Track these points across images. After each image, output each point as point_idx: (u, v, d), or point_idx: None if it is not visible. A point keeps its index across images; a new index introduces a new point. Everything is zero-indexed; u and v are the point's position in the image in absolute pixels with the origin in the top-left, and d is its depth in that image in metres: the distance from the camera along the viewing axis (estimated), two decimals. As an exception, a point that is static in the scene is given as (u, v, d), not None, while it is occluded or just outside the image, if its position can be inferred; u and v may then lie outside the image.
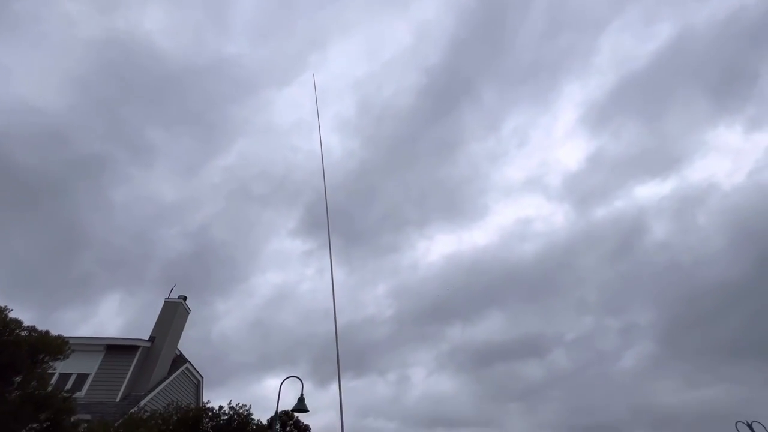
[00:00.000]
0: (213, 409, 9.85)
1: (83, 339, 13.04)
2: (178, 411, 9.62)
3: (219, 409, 9.78)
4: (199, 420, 9.55)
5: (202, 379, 17.23)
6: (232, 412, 9.76)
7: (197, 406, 10.28)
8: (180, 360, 15.67)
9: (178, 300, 15.47)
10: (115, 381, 12.66)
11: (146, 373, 13.31)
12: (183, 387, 15.27)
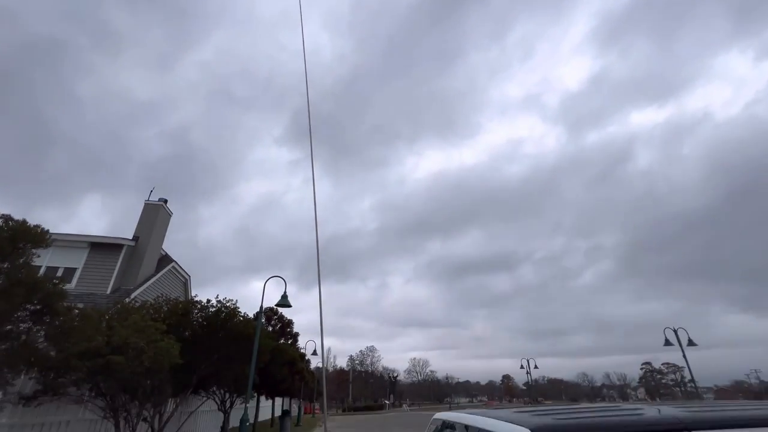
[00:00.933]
0: (201, 302, 10.54)
1: (66, 235, 13.18)
2: (168, 303, 10.27)
3: (207, 302, 10.48)
4: (189, 311, 10.28)
5: (190, 277, 18.11)
6: (220, 305, 10.48)
7: (186, 299, 10.97)
8: (166, 259, 16.24)
9: (159, 202, 15.44)
10: (103, 275, 13.18)
11: (133, 270, 13.84)
12: (171, 284, 16.09)
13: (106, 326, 8.00)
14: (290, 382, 19.67)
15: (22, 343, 5.56)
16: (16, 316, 5.42)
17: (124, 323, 7.79)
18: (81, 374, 7.15)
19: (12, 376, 5.73)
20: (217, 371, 10.69)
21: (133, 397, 8.26)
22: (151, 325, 8.06)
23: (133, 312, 8.62)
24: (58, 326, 5.90)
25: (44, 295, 5.15)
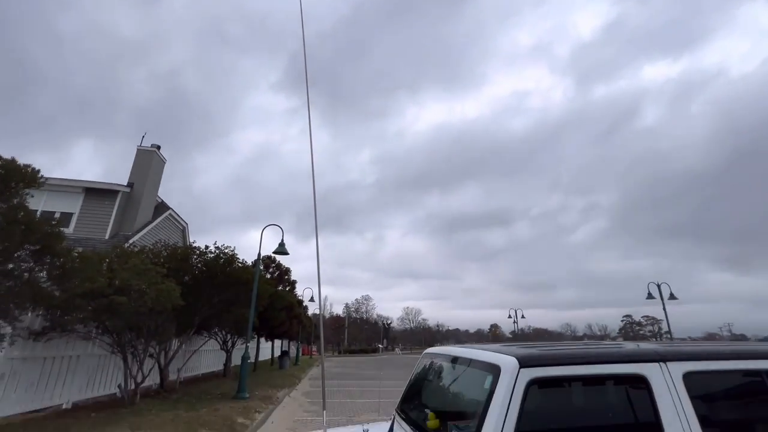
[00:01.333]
0: (200, 248, 10.70)
1: (61, 180, 13.02)
2: (167, 248, 10.42)
3: (205, 248, 10.64)
4: (188, 257, 10.47)
5: (187, 225, 18.24)
6: (218, 251, 10.66)
7: (185, 245, 11.13)
8: (163, 207, 16.24)
9: (152, 148, 15.12)
10: (100, 221, 13.23)
11: (130, 216, 13.88)
12: (169, 231, 16.23)
13: (107, 269, 8.18)
14: (288, 326, 20.63)
15: (26, 281, 5.68)
16: (17, 256, 5.49)
17: (124, 266, 7.95)
18: (86, 313, 7.42)
19: (19, 312, 5.92)
20: (218, 314, 11.13)
21: (138, 335, 8.66)
22: (152, 269, 8.23)
23: (132, 256, 8.76)
24: (59, 267, 6.01)
25: (42, 235, 5.18)
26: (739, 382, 1.78)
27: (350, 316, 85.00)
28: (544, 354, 1.71)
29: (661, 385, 1.65)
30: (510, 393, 1.55)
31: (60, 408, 7.89)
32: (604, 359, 1.69)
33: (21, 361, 7.14)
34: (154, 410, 7.52)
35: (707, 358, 1.77)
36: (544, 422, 1.64)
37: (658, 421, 1.58)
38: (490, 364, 1.74)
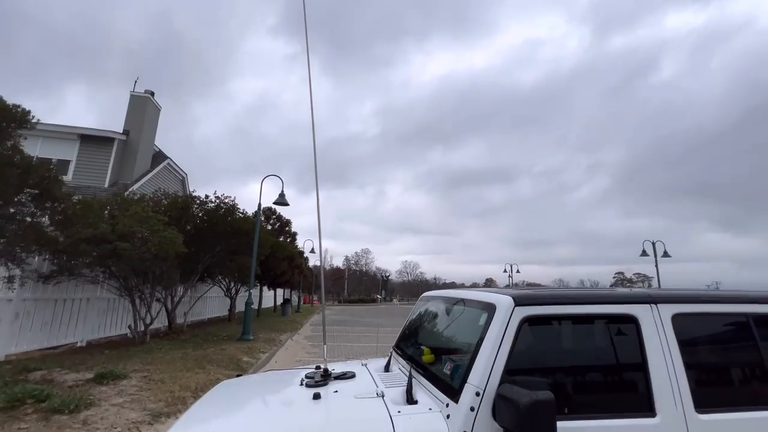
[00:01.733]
0: (200, 198, 10.72)
1: (55, 126, 12.73)
2: (167, 197, 10.43)
3: (206, 198, 10.65)
4: (188, 206, 10.51)
5: (187, 176, 18.12)
6: (219, 200, 10.68)
7: (185, 195, 11.12)
8: (161, 156, 16.02)
9: (145, 94, 14.60)
10: (98, 169, 13.10)
11: (128, 165, 13.73)
12: (168, 181, 16.14)
13: (109, 215, 8.24)
14: (290, 276, 21.24)
15: (29, 225, 5.74)
16: (17, 200, 5.50)
17: (125, 213, 8.00)
18: (91, 259, 7.59)
19: (26, 255, 6.05)
20: (221, 262, 11.40)
21: (144, 281, 8.93)
22: (153, 217, 8.29)
23: (133, 204, 8.79)
24: (60, 212, 6.04)
25: (40, 179, 5.14)
26: (725, 325, 1.84)
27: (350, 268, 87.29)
28: (539, 294, 1.76)
29: (650, 325, 1.70)
30: (504, 329, 1.61)
31: (75, 345, 8.34)
32: (597, 300, 1.74)
33: (33, 302, 7.42)
34: (164, 349, 7.95)
35: (696, 301, 1.82)
36: (534, 358, 1.72)
37: (644, 361, 1.65)
38: (486, 303, 1.80)
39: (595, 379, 1.74)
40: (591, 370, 1.75)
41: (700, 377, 1.68)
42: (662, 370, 1.63)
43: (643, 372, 1.64)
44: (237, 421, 1.75)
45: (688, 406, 1.59)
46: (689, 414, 1.58)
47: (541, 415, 1.28)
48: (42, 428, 3.37)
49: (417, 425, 1.52)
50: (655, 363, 1.64)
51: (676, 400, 1.59)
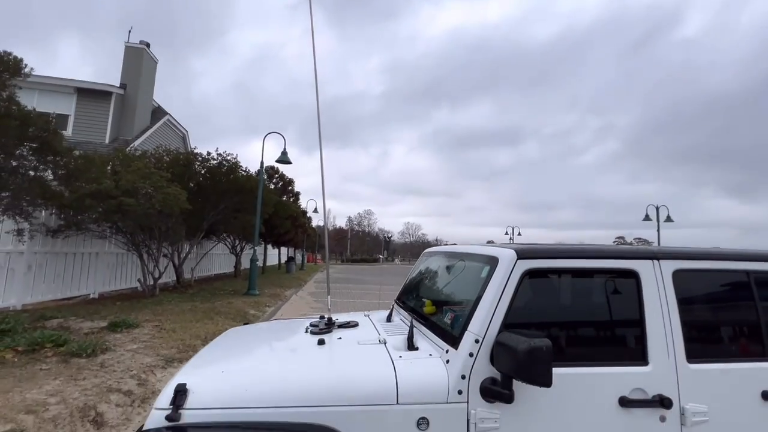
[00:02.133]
0: (202, 155, 10.61)
1: (50, 78, 12.37)
2: (169, 153, 10.33)
3: (208, 155, 10.54)
4: (191, 163, 10.43)
5: (188, 132, 17.85)
6: (221, 158, 10.58)
7: (187, 151, 11.00)
8: (160, 111, 15.69)
9: (141, 46, 14.02)
10: (97, 124, 12.90)
11: (127, 121, 13.49)
12: (169, 138, 15.92)
13: (111, 171, 8.22)
14: (293, 234, 21.53)
15: (32, 179, 5.74)
16: (18, 153, 5.46)
17: (128, 169, 7.97)
18: (97, 214, 7.67)
19: (32, 209, 6.11)
20: (225, 219, 11.51)
21: (150, 236, 9.07)
22: (156, 173, 8.26)
23: (135, 160, 8.73)
24: (62, 165, 6.01)
25: (39, 131, 5.07)
26: (724, 281, 1.86)
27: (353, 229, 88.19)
28: (541, 248, 1.76)
29: (650, 280, 1.72)
30: (505, 281, 1.63)
31: (87, 297, 8.66)
32: (600, 255, 1.75)
33: (44, 255, 7.61)
34: (173, 301, 8.24)
35: (698, 257, 1.82)
36: (534, 310, 1.76)
37: (641, 314, 1.68)
38: (489, 256, 1.81)
39: (593, 330, 1.78)
40: (589, 322, 1.79)
41: (694, 330, 1.72)
42: (658, 324, 1.67)
43: (640, 325, 1.68)
44: (244, 362, 1.84)
45: (680, 356, 1.64)
46: (680, 363, 1.63)
47: (538, 360, 1.32)
48: (62, 369, 3.57)
49: (417, 369, 1.58)
50: (652, 316, 1.67)
51: (669, 350, 1.64)
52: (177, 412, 1.42)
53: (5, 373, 3.40)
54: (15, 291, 6.99)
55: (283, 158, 11.19)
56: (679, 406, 1.59)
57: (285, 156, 11.18)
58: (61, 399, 2.95)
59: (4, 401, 2.80)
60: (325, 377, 1.57)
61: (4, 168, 5.35)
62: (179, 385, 1.48)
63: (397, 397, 1.48)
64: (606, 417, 1.55)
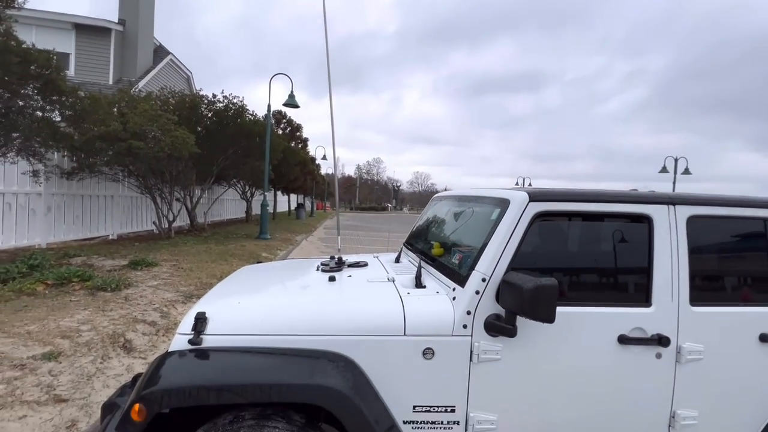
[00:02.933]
0: (208, 97, 10.34)
1: (46, 13, 11.82)
2: (174, 95, 10.09)
3: (213, 98, 10.28)
4: (197, 105, 10.21)
5: (192, 74, 17.27)
6: (227, 101, 10.32)
7: (192, 93, 10.73)
8: (162, 51, 15.08)
9: (136, -25, 13.13)
10: (99, 63, 12.53)
11: (130, 60, 13.06)
12: (173, 80, 15.45)
13: (118, 113, 8.12)
14: (302, 181, 21.58)
15: (41, 120, 5.72)
16: (23, 92, 5.38)
17: (135, 111, 7.86)
18: (108, 157, 7.72)
19: (44, 150, 6.15)
20: (235, 165, 11.51)
21: (162, 180, 9.17)
22: (163, 115, 8.15)
23: (141, 101, 8.56)
24: (69, 106, 5.94)
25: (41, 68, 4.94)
26: (738, 228, 1.83)
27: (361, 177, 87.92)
28: (554, 191, 1.73)
29: (663, 225, 1.70)
30: (515, 222, 1.63)
31: (107, 238, 9.00)
32: (614, 199, 1.72)
33: (61, 197, 7.82)
34: (188, 243, 8.53)
35: (714, 203, 1.78)
36: (543, 252, 1.77)
37: (650, 259, 1.69)
38: (500, 198, 1.79)
39: (599, 272, 1.80)
40: (596, 265, 1.81)
41: (701, 276, 1.73)
42: (666, 268, 1.68)
43: (648, 269, 1.69)
44: (259, 295, 1.93)
45: (683, 299, 1.67)
46: (683, 306, 1.67)
47: (543, 298, 1.36)
48: (90, 301, 3.82)
49: (424, 304, 1.65)
50: (660, 261, 1.68)
51: (673, 294, 1.67)
52: (199, 337, 1.52)
53: (38, 303, 3.65)
54: (39, 231, 7.29)
55: (291, 101, 10.86)
56: (677, 344, 1.65)
57: (292, 99, 10.85)
58: (92, 327, 3.19)
59: (40, 327, 3.04)
60: (337, 310, 1.64)
61: (11, 108, 5.30)
62: (199, 314, 1.57)
63: (404, 329, 1.56)
64: (603, 352, 1.62)
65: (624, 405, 1.65)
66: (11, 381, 2.35)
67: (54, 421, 2.13)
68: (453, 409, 1.57)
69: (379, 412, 1.48)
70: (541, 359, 1.60)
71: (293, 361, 1.47)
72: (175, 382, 1.33)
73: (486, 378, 1.58)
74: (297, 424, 1.43)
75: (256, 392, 1.33)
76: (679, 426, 1.66)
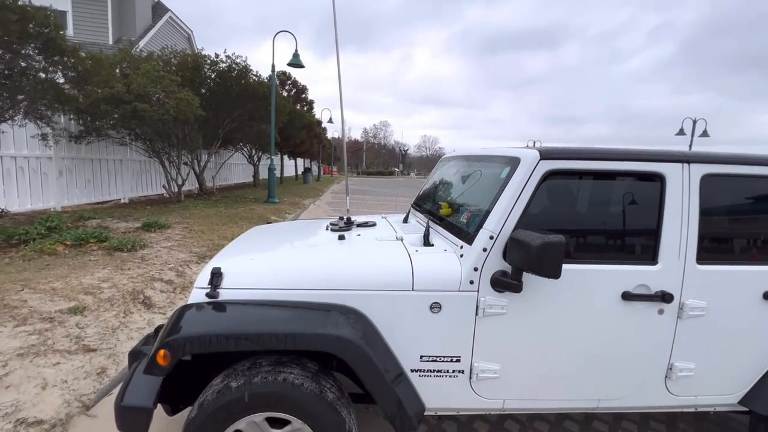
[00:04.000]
0: (210, 57, 10.06)
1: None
2: (176, 55, 9.82)
3: (216, 57, 10.00)
4: (199, 66, 9.96)
5: (192, 32, 16.71)
6: (230, 61, 10.03)
7: (194, 53, 10.43)
8: (161, 8, 14.52)
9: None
10: (97, 22, 12.15)
11: (128, 18, 12.63)
12: (173, 38, 14.97)
13: (121, 74, 7.98)
14: (309, 145, 21.36)
15: (45, 81, 5.65)
16: (25, 52, 5.29)
17: (137, 72, 7.71)
18: (114, 120, 7.68)
19: (50, 112, 6.13)
20: (241, 128, 11.39)
21: (168, 143, 9.16)
22: (166, 76, 7.99)
23: (143, 62, 8.37)
24: (71, 67, 5.84)
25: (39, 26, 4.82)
26: (756, 188, 1.79)
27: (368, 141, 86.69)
28: (566, 149, 1.70)
29: (676, 184, 1.68)
30: (525, 180, 1.62)
31: (119, 202, 9.16)
32: (626, 157, 1.69)
33: (71, 161, 7.89)
34: (198, 207, 8.66)
35: (731, 162, 1.74)
36: (552, 211, 1.77)
37: (660, 218, 1.68)
38: (511, 157, 1.77)
39: (607, 231, 1.80)
40: (604, 223, 1.80)
41: (710, 235, 1.73)
42: (675, 227, 1.67)
43: (657, 228, 1.69)
44: (271, 252, 1.98)
45: (690, 257, 1.68)
46: (689, 264, 1.68)
47: (550, 254, 1.38)
48: (108, 261, 3.97)
49: (432, 261, 1.68)
50: (670, 220, 1.67)
51: (681, 252, 1.68)
52: (215, 291, 1.59)
53: (60, 262, 3.80)
54: (53, 194, 7.43)
55: (295, 61, 10.51)
56: (680, 301, 1.68)
57: (297, 59, 10.49)
58: (113, 284, 3.33)
59: (64, 284, 3.19)
60: (347, 266, 1.69)
61: (14, 69, 5.24)
62: (215, 269, 1.64)
63: (413, 284, 1.61)
64: (607, 308, 1.66)
65: (623, 358, 1.71)
66: (42, 332, 2.50)
67: (85, 368, 2.29)
68: (458, 359, 1.65)
69: (387, 361, 1.56)
70: (545, 314, 1.65)
71: (306, 313, 1.54)
72: (195, 331, 1.41)
73: (491, 331, 1.64)
74: (310, 371, 1.52)
75: (272, 341, 1.41)
76: (675, 377, 1.73)
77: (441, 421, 2.16)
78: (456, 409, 1.75)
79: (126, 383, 1.54)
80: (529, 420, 2.21)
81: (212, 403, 1.41)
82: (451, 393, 1.69)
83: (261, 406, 1.43)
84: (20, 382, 2.07)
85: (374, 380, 1.48)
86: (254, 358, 1.56)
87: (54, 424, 1.87)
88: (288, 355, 1.60)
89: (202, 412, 1.41)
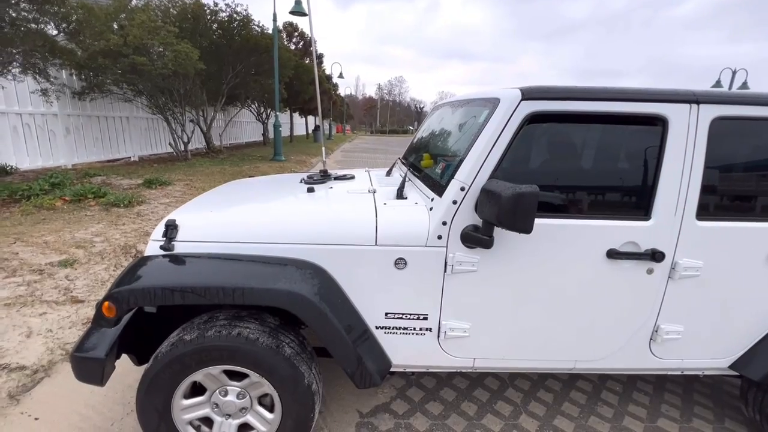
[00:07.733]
0: (210, 6, 9.58)
1: None
2: (174, 5, 9.39)
3: (215, 6, 9.52)
4: (199, 17, 9.52)
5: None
6: (230, 10, 9.55)
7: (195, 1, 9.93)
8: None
9: None
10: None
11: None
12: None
13: (117, 27, 7.71)
14: (319, 102, 20.78)
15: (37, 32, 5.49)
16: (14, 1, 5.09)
17: (132, 23, 7.41)
18: (115, 76, 7.52)
19: (45, 65, 6.01)
20: (245, 83, 11.07)
21: (171, 99, 8.99)
22: (163, 27, 7.68)
23: (139, 12, 8.03)
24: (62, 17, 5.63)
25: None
26: (775, 133, 1.55)
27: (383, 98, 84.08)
28: (552, 88, 1.49)
29: (681, 129, 1.46)
30: (504, 124, 1.44)
31: (129, 160, 9.23)
32: (625, 97, 1.46)
33: (77, 118, 7.87)
34: (204, 165, 8.65)
35: (752, 102, 1.49)
36: (533, 159, 1.58)
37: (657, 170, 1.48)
38: (490, 98, 1.57)
39: (594, 182, 1.60)
40: (594, 174, 1.61)
41: (716, 188, 1.52)
42: (675, 179, 1.48)
43: (653, 179, 1.49)
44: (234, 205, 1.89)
45: (689, 213, 1.50)
46: (687, 220, 1.50)
47: (522, 207, 1.22)
48: (104, 216, 4.00)
49: (398, 215, 1.56)
50: (669, 170, 1.47)
51: (678, 207, 1.49)
52: (170, 243, 1.52)
53: (56, 217, 3.85)
54: (63, 152, 7.51)
55: (297, 8, 9.90)
56: (672, 260, 1.53)
57: (299, 6, 9.87)
58: (105, 239, 3.36)
59: (57, 238, 3.23)
60: (307, 220, 1.58)
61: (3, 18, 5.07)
62: (169, 221, 1.56)
63: (376, 239, 1.50)
64: (587, 267, 1.52)
65: (604, 319, 1.59)
66: (31, 283, 2.55)
67: (71, 318, 2.34)
68: (425, 317, 1.57)
69: (349, 317, 1.49)
70: (520, 272, 1.53)
71: (260, 267, 1.46)
72: (140, 284, 1.36)
73: (460, 288, 1.54)
74: (269, 326, 1.47)
75: (219, 294, 1.34)
76: (660, 340, 1.61)
77: (420, 376, 2.14)
78: (425, 367, 1.70)
79: (84, 334, 1.53)
80: (510, 378, 2.17)
81: (166, 355, 1.38)
82: (419, 351, 1.63)
83: (215, 360, 1.40)
84: (5, 330, 2.12)
85: (329, 336, 1.42)
86: (213, 312, 1.52)
87: (36, 369, 1.92)
88: (248, 310, 1.55)
89: (156, 364, 1.39)
